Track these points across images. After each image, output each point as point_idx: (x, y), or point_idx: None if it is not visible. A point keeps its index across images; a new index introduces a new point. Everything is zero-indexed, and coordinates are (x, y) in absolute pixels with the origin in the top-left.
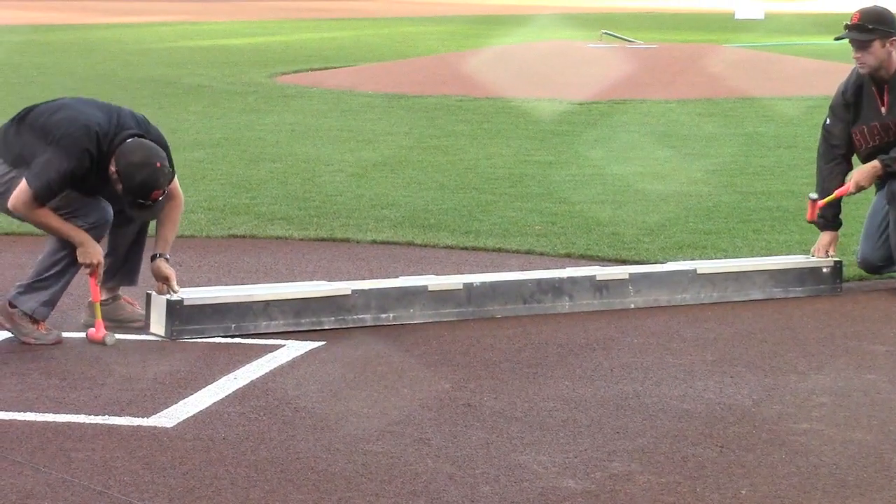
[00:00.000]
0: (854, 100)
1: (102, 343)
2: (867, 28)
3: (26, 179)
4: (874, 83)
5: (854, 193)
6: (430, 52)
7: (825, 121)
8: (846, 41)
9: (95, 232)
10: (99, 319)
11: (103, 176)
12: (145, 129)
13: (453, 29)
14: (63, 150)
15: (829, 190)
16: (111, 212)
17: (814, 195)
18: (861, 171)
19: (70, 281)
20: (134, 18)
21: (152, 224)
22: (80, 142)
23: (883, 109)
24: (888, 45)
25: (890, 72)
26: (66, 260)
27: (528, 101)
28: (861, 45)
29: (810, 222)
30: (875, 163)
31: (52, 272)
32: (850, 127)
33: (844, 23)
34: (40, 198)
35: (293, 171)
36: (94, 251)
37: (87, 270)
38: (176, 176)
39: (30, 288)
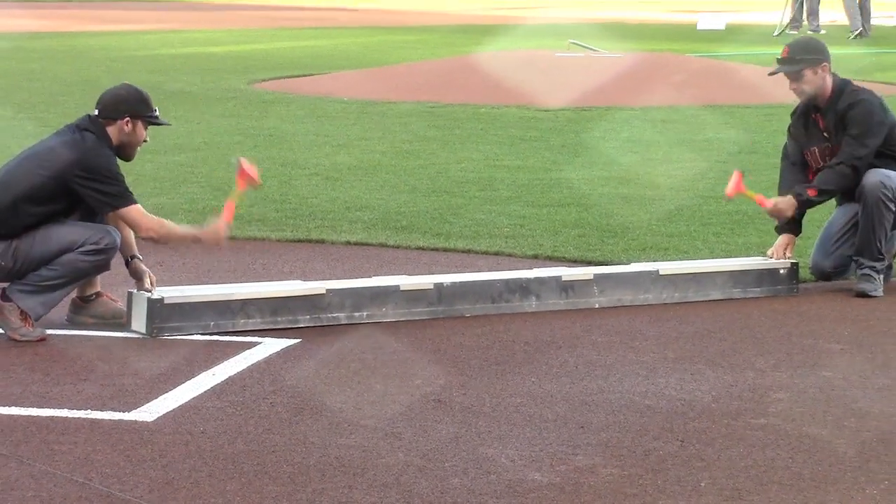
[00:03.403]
0: (803, 122)
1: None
2: (795, 59)
3: (112, 203)
4: (814, 109)
5: (771, 214)
6: (404, 60)
7: (785, 144)
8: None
9: (108, 254)
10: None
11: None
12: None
13: (426, 38)
14: (101, 160)
15: (783, 189)
16: (118, 239)
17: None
18: (782, 200)
19: (71, 292)
20: (119, 27)
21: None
22: (102, 145)
23: (826, 135)
24: (819, 71)
25: (825, 98)
26: (77, 275)
27: (497, 108)
28: (794, 77)
29: (727, 198)
30: (790, 198)
31: (60, 280)
32: (802, 147)
33: (776, 58)
34: (132, 201)
35: (270, 174)
36: (217, 236)
37: (221, 236)
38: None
39: (33, 289)
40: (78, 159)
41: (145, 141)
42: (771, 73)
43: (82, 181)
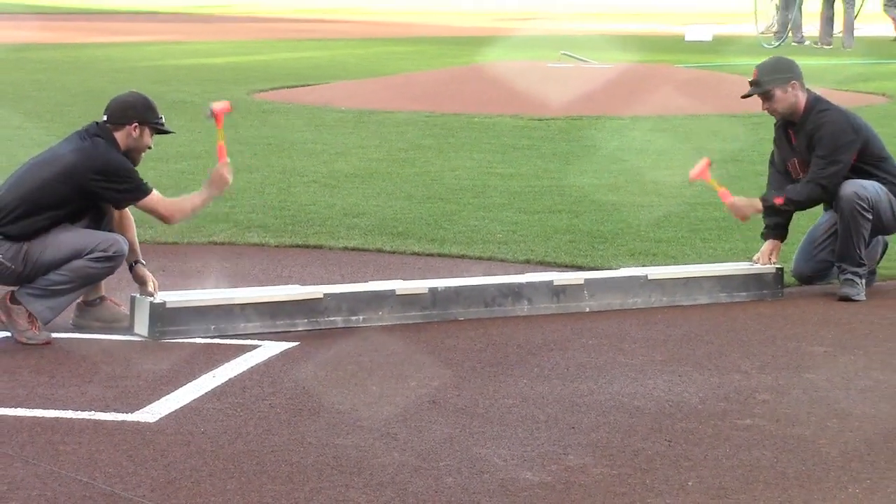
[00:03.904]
0: (782, 134)
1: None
2: (764, 80)
3: (135, 199)
4: (790, 125)
5: (728, 210)
6: (400, 70)
7: (773, 148)
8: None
9: (116, 261)
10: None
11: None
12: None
13: (422, 49)
14: (110, 159)
15: (772, 197)
16: (126, 246)
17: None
18: (743, 201)
19: (79, 297)
20: (122, 38)
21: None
22: (111, 147)
23: (796, 148)
24: (790, 89)
25: (798, 115)
26: (84, 281)
27: (490, 117)
28: (764, 97)
29: (690, 180)
30: (756, 202)
31: (68, 286)
32: (784, 158)
33: (748, 80)
34: (146, 190)
35: (270, 181)
36: (223, 180)
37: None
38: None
39: (42, 293)
40: (91, 164)
41: (150, 147)
42: (743, 97)
43: (98, 183)
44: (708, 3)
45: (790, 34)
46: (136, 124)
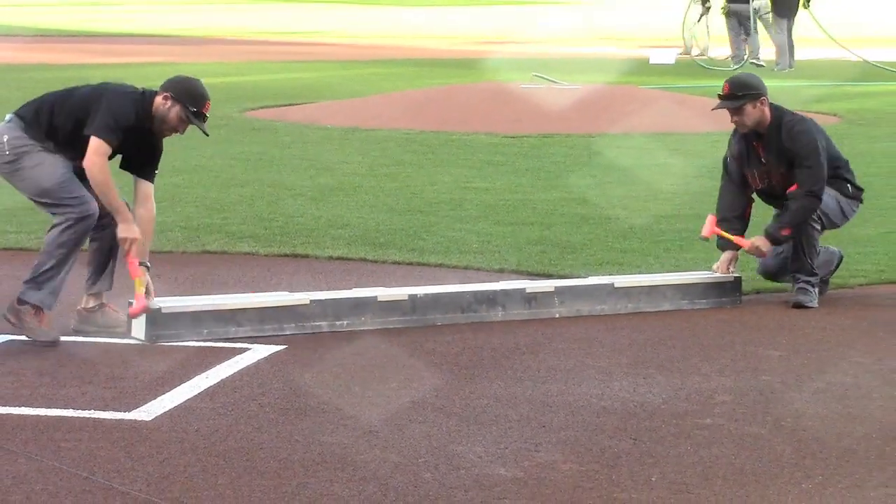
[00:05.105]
0: (744, 144)
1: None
2: (736, 95)
3: (91, 131)
4: (755, 137)
5: (749, 252)
6: (382, 90)
7: (725, 156)
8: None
9: (86, 222)
10: (138, 293)
11: (139, 137)
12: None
13: (402, 71)
14: (115, 101)
15: (724, 210)
16: (96, 207)
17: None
18: (762, 239)
19: (70, 271)
20: (121, 59)
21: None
22: (128, 96)
23: (763, 161)
24: (759, 104)
25: (764, 127)
26: (65, 252)
27: (467, 135)
28: (735, 111)
29: (703, 238)
30: (764, 240)
31: (53, 261)
32: (743, 167)
33: (717, 94)
34: (105, 138)
35: (260, 194)
36: (133, 229)
37: (126, 245)
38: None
39: (35, 282)
40: (107, 92)
41: (177, 130)
42: (714, 109)
43: (95, 104)
44: (672, 29)
45: (747, 56)
46: (169, 96)
